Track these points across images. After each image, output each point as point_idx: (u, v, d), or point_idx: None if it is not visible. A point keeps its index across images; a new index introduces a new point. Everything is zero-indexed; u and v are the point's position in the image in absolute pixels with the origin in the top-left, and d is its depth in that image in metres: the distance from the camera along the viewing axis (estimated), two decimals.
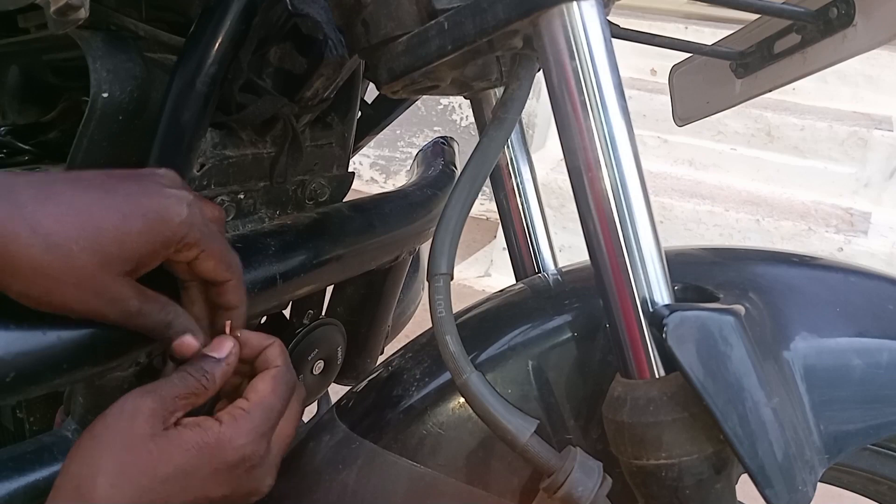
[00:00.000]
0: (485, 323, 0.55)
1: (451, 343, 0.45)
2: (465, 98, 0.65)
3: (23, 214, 0.39)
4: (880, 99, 2.79)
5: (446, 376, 0.51)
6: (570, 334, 0.51)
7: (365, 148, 0.83)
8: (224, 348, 0.48)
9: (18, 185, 0.41)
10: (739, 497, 0.45)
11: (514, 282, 0.63)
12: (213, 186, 0.56)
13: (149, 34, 0.56)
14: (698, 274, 0.52)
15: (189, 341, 0.47)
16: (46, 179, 0.42)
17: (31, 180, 0.41)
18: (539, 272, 0.64)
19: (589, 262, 0.43)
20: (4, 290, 0.40)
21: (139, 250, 0.43)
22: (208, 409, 0.48)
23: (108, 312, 0.43)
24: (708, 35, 2.09)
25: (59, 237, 0.40)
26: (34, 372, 0.44)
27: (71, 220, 0.41)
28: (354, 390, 0.58)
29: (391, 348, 0.67)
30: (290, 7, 0.53)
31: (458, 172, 0.71)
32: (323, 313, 0.73)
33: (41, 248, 0.40)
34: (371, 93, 0.68)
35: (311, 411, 0.77)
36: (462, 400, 0.50)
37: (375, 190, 1.71)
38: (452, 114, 3.24)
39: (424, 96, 0.57)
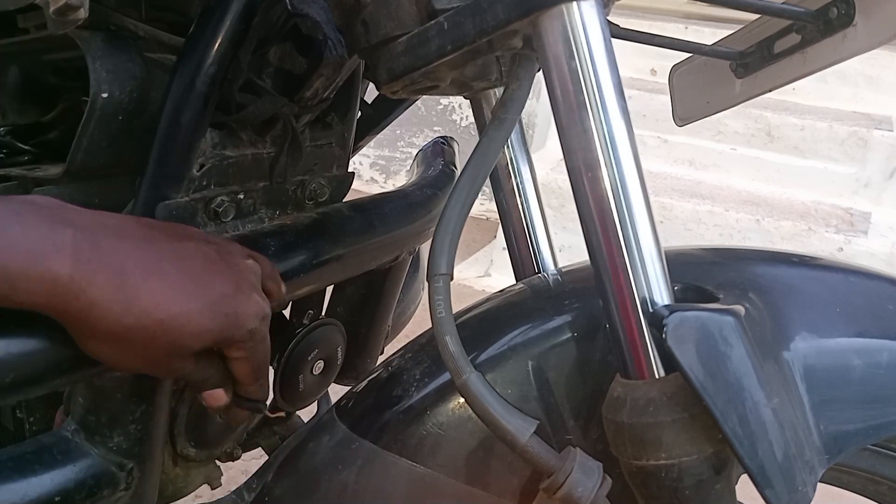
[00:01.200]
0: (485, 323, 0.55)
1: (451, 343, 0.45)
2: (465, 98, 0.65)
3: (125, 287, 0.41)
4: (880, 99, 2.79)
5: (446, 376, 0.51)
6: (570, 334, 0.51)
7: (365, 148, 0.83)
8: None
9: (127, 252, 0.42)
10: (739, 497, 0.45)
11: (514, 282, 0.63)
12: (212, 186, 0.56)
13: (149, 34, 0.56)
14: (698, 274, 0.52)
15: (220, 395, 0.50)
16: (156, 251, 0.44)
17: (140, 248, 0.43)
18: (539, 272, 0.64)
19: (589, 262, 0.43)
20: (78, 341, 0.43)
21: (207, 343, 0.46)
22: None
23: (160, 375, 0.50)
24: (708, 35, 2.09)
25: (148, 318, 0.42)
26: (34, 372, 0.44)
27: (165, 306, 0.43)
28: (354, 390, 0.58)
29: (391, 348, 0.67)
30: (289, 7, 0.53)
31: (458, 172, 0.71)
32: (323, 313, 0.73)
33: (131, 325, 0.42)
34: (371, 93, 0.68)
35: (311, 411, 0.77)
36: (462, 400, 0.50)
37: (375, 190, 1.71)
38: (452, 114, 3.24)
39: (424, 96, 0.57)
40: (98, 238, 0.41)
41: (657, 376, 0.42)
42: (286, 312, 0.70)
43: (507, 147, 0.63)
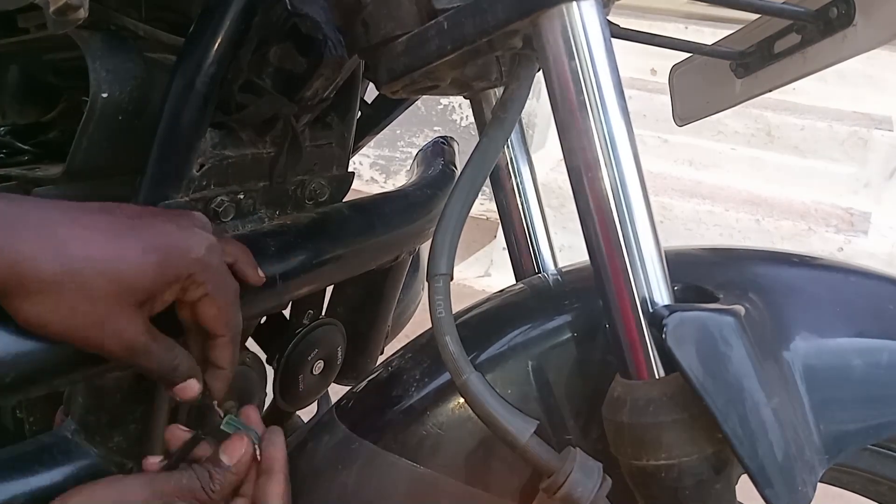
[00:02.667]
0: (485, 323, 0.55)
1: (451, 343, 0.45)
2: (465, 98, 0.65)
3: (52, 236, 0.40)
4: (880, 99, 2.79)
5: (446, 376, 0.51)
6: (570, 334, 0.51)
7: (365, 148, 0.83)
8: (235, 453, 0.48)
9: (57, 214, 0.41)
10: (739, 497, 0.45)
11: (514, 282, 0.63)
12: (212, 186, 0.56)
13: (149, 34, 0.56)
14: (698, 274, 0.52)
15: (192, 385, 0.48)
16: (84, 210, 0.43)
17: (70, 210, 0.42)
18: (539, 272, 0.64)
19: (589, 262, 0.43)
20: (14, 315, 0.41)
21: (153, 281, 0.44)
22: None
23: (114, 346, 0.43)
24: (708, 35, 2.09)
25: (79, 260, 0.41)
26: (34, 372, 0.44)
27: (95, 246, 0.41)
28: (354, 390, 0.58)
29: (391, 348, 0.67)
30: (289, 7, 0.53)
31: (458, 172, 0.71)
32: (323, 313, 0.73)
33: (58, 268, 0.40)
34: (371, 93, 0.68)
35: (311, 411, 0.77)
36: (462, 400, 0.50)
37: (375, 190, 1.71)
38: (452, 114, 3.24)
39: (424, 96, 0.57)
40: (21, 201, 0.41)
41: (657, 376, 0.42)
42: (286, 312, 0.70)
43: (507, 147, 0.63)
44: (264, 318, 0.69)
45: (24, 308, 0.40)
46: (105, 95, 0.50)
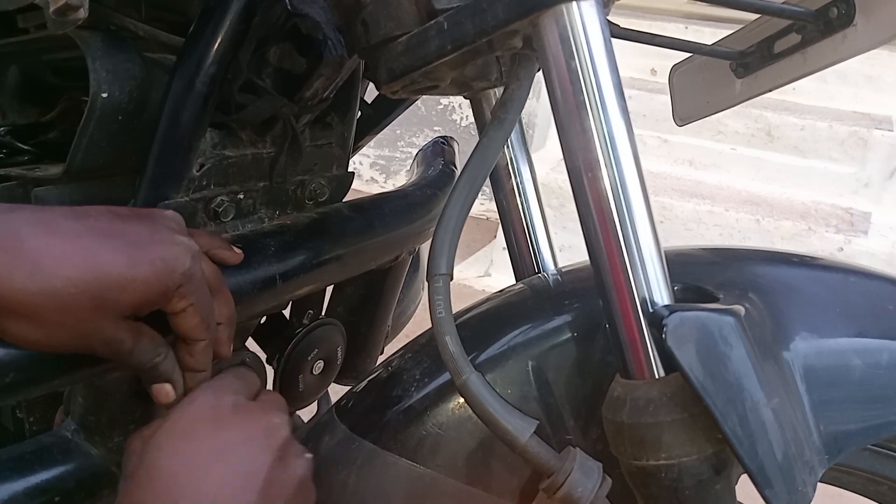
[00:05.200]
0: (485, 323, 0.55)
1: (451, 343, 0.45)
2: (465, 98, 0.65)
3: (23, 253, 0.38)
4: (880, 99, 2.79)
5: (446, 376, 0.51)
6: (570, 334, 0.51)
7: (365, 148, 0.83)
8: None
9: (21, 222, 0.39)
10: (739, 497, 0.45)
11: (514, 282, 0.63)
12: (212, 186, 0.56)
13: (148, 34, 0.56)
14: (698, 274, 0.52)
15: (168, 391, 0.47)
16: (51, 216, 0.41)
17: (35, 216, 0.40)
18: (539, 272, 0.64)
19: (589, 262, 0.43)
20: (1, 334, 0.40)
21: (139, 297, 0.42)
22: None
23: (102, 352, 0.43)
24: (708, 35, 2.09)
25: (58, 280, 0.39)
26: (34, 372, 0.44)
27: (72, 262, 0.39)
28: (354, 390, 0.58)
29: (391, 348, 0.67)
30: (289, 7, 0.53)
31: (458, 172, 0.71)
32: (323, 313, 0.73)
33: (39, 290, 0.38)
34: (371, 93, 0.68)
35: (311, 411, 0.77)
36: (462, 400, 0.50)
37: (375, 190, 1.71)
38: (452, 114, 3.24)
39: (424, 96, 0.57)
40: None
41: (657, 376, 0.42)
42: (286, 312, 0.70)
43: (507, 147, 0.63)
44: (264, 318, 0.69)
45: (8, 327, 0.39)
46: (105, 95, 0.50)
